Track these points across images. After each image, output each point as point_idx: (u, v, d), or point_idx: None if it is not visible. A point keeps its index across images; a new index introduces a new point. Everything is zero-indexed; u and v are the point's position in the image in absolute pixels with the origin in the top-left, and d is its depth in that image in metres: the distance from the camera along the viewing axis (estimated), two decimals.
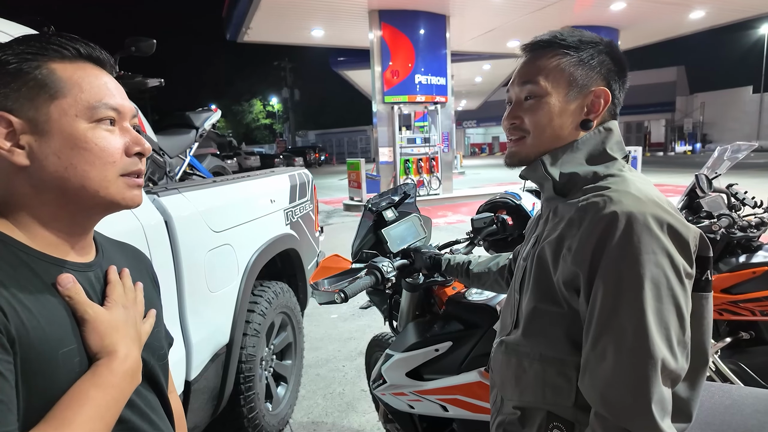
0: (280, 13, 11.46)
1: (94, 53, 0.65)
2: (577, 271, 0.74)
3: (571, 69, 0.82)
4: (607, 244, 0.70)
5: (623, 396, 0.68)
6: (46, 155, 0.60)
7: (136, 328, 0.67)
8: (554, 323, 0.80)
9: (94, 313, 0.62)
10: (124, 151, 0.65)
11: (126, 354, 0.63)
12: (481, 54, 17.41)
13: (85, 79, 0.63)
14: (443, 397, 1.36)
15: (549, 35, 0.85)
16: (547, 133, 0.83)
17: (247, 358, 2.02)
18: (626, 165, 0.84)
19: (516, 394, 0.87)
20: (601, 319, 0.71)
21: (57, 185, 0.62)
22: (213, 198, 1.93)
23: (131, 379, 0.63)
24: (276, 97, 41.81)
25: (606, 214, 0.72)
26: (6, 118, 0.59)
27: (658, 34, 15.02)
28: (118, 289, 0.68)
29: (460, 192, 12.12)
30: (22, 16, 1.60)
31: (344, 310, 4.07)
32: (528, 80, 0.84)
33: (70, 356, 0.58)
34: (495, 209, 1.67)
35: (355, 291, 1.26)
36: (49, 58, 0.61)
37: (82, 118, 0.62)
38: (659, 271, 0.68)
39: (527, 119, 0.84)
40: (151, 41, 2.48)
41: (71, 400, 0.56)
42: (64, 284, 0.61)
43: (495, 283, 1.26)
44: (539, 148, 0.84)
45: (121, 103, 0.66)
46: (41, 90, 0.60)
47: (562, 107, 0.82)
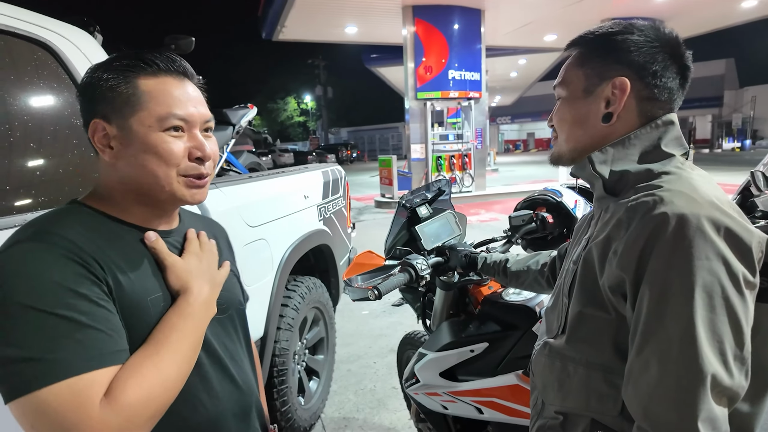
0: (314, 11, 11.57)
1: (173, 66, 0.77)
2: (622, 275, 0.69)
3: (588, 65, 0.81)
4: (655, 247, 0.65)
5: (667, 411, 0.63)
6: (126, 156, 0.74)
7: (209, 272, 0.81)
8: (601, 329, 0.76)
9: (172, 260, 0.76)
10: (186, 155, 0.76)
11: (199, 290, 0.76)
12: (516, 48, 17.05)
13: (161, 93, 0.74)
14: (478, 399, 1.33)
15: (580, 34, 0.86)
16: (570, 131, 0.84)
17: (280, 352, 2.04)
18: (686, 162, 0.78)
19: (558, 399, 0.83)
20: (646, 328, 0.66)
21: (134, 180, 0.75)
22: (249, 193, 1.96)
23: (206, 308, 0.76)
24: (309, 94, 42.30)
25: (655, 215, 0.67)
26: (101, 125, 0.73)
27: (706, 24, 14.29)
28: (193, 243, 0.82)
29: (494, 189, 11.93)
30: (70, 16, 1.66)
31: (375, 307, 4.06)
32: (557, 82, 0.86)
33: (157, 302, 0.72)
34: (534, 206, 1.61)
35: (389, 288, 1.24)
36: (136, 74, 0.74)
37: (155, 127, 0.73)
38: (713, 278, 0.63)
39: (555, 120, 0.87)
40: (190, 39, 2.53)
41: (160, 327, 0.71)
42: (149, 239, 0.75)
43: (534, 282, 1.21)
44: (571, 146, 0.84)
45: (189, 112, 0.76)
46: (126, 104, 0.73)
47: (580, 104, 0.82)
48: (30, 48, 1.26)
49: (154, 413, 0.64)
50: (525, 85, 26.92)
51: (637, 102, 0.78)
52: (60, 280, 0.62)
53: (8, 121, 1.16)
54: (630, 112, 0.79)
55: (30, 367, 0.58)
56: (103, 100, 0.73)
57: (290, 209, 2.22)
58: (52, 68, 1.30)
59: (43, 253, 0.64)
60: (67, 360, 0.59)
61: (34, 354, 0.59)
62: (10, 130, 1.15)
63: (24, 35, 1.24)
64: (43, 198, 1.17)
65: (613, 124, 0.79)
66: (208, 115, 0.80)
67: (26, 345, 0.59)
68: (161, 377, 0.65)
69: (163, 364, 0.66)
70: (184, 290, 0.75)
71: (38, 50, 1.27)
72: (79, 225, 0.70)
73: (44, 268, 0.63)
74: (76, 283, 0.63)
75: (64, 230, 0.68)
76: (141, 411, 0.62)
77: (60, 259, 0.64)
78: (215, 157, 0.81)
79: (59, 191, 1.24)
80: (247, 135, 5.02)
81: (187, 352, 0.71)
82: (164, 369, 0.66)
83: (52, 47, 1.30)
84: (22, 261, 0.63)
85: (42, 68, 1.28)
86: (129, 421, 0.61)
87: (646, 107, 0.78)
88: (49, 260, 0.64)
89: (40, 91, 1.27)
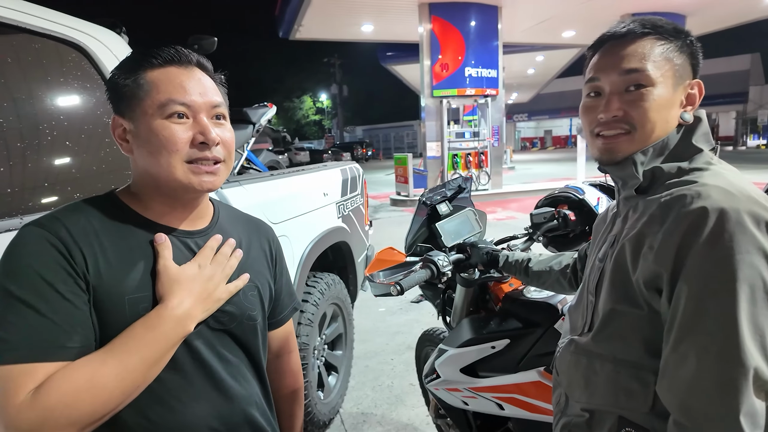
0: (331, 10, 11.62)
1: (177, 56, 0.76)
2: (659, 270, 0.69)
3: (675, 58, 0.77)
4: (695, 242, 0.65)
5: (707, 405, 0.63)
6: (137, 147, 0.75)
7: (205, 285, 0.76)
8: (632, 325, 0.75)
9: (163, 266, 0.73)
10: (190, 141, 0.74)
11: (176, 304, 0.72)
12: (534, 45, 16.87)
13: (162, 81, 0.74)
14: (500, 396, 1.33)
15: (639, 22, 0.79)
16: (654, 127, 0.77)
17: (300, 347, 2.07)
18: (714, 157, 0.78)
19: (585, 395, 0.83)
20: (684, 321, 0.66)
21: (146, 171, 0.76)
22: (270, 190, 1.99)
23: (175, 324, 0.71)
24: (325, 93, 42.46)
25: (693, 209, 0.66)
26: (118, 121, 0.76)
27: (730, 19, 13.94)
28: (205, 252, 0.79)
29: (510, 187, 11.83)
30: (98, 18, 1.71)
31: (392, 304, 4.08)
32: (633, 68, 0.76)
33: (136, 302, 0.71)
34: (556, 204, 1.60)
35: (411, 284, 1.25)
36: (143, 68, 0.74)
37: (157, 115, 0.73)
38: (754, 272, 0.63)
39: (635, 112, 0.76)
40: (213, 39, 2.57)
41: (123, 333, 0.68)
42: (157, 240, 0.75)
43: (556, 283, 1.21)
44: (644, 144, 0.77)
45: (191, 99, 0.74)
46: (134, 97, 0.74)
47: (669, 99, 0.77)
48: (65, 50, 1.30)
49: (75, 421, 0.61)
50: (542, 82, 26.62)
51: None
52: (35, 266, 0.65)
53: (44, 120, 1.20)
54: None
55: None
56: (117, 96, 0.75)
57: (310, 206, 2.25)
58: (84, 68, 1.34)
59: (34, 238, 0.67)
60: (16, 345, 0.61)
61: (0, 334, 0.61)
62: (47, 129, 1.20)
63: (59, 37, 1.28)
64: (78, 195, 1.22)
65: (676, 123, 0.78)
66: (216, 101, 0.78)
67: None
68: (93, 386, 0.63)
69: (102, 373, 0.64)
70: (162, 300, 0.72)
71: (72, 51, 1.32)
72: (92, 215, 0.72)
73: (27, 251, 0.66)
74: (50, 271, 0.65)
75: (68, 219, 0.70)
76: (59, 415, 0.60)
77: (44, 246, 0.66)
78: (226, 143, 0.78)
79: (93, 189, 1.28)
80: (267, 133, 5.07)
81: (138, 365, 0.66)
82: (100, 379, 0.63)
83: (84, 48, 1.35)
84: (19, 242, 0.67)
85: (76, 69, 1.32)
86: (44, 421, 0.59)
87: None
88: (34, 245, 0.66)
89: (74, 91, 1.31)
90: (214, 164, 0.76)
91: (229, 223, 0.88)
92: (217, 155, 0.76)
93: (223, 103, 0.80)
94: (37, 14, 1.23)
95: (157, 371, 0.69)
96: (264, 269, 0.91)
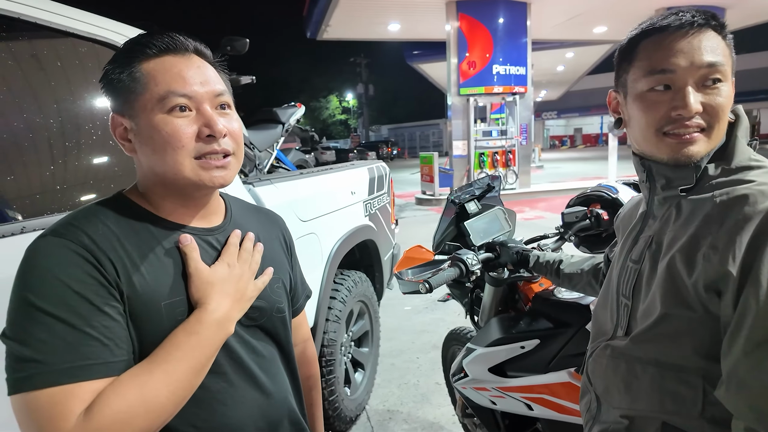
0: (358, 9, 11.67)
1: (173, 43, 0.70)
2: (726, 270, 0.66)
3: (732, 53, 0.74)
4: (765, 242, 0.63)
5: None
6: (140, 145, 0.70)
7: (237, 285, 0.74)
8: (683, 328, 0.72)
9: (195, 269, 0.70)
10: (195, 135, 0.69)
11: (215, 307, 0.69)
12: (564, 41, 16.54)
13: (159, 71, 0.68)
14: (529, 396, 1.32)
15: (702, 13, 0.74)
16: (724, 125, 0.74)
17: (328, 343, 2.10)
18: (756, 153, 0.75)
19: (626, 401, 0.81)
20: (757, 326, 0.63)
21: (153, 171, 0.71)
22: (300, 189, 2.02)
23: (218, 327, 0.69)
24: (351, 92, 42.73)
25: (761, 209, 0.64)
26: (118, 119, 0.71)
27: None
28: (230, 250, 0.76)
29: (538, 186, 11.64)
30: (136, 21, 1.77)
31: (417, 303, 4.08)
32: (713, 62, 0.71)
33: (173, 307, 0.68)
34: (588, 203, 1.57)
35: (440, 282, 1.25)
36: (138, 59, 0.69)
37: (157, 109, 0.68)
38: None
39: (714, 109, 0.71)
40: (245, 40, 2.63)
41: (165, 343, 0.65)
42: (183, 242, 0.71)
43: (588, 286, 1.18)
44: (716, 143, 0.74)
45: (192, 89, 0.69)
46: (130, 92, 0.69)
47: (732, 95, 0.74)
48: (106, 52, 1.36)
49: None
50: (572, 79, 26.03)
51: None
52: (65, 278, 0.60)
53: (90, 120, 1.26)
54: None
55: (20, 366, 0.57)
56: (113, 93, 0.70)
57: (338, 205, 2.27)
58: None
59: (57, 248, 0.62)
60: (54, 366, 0.57)
61: (27, 353, 0.57)
62: (92, 129, 1.26)
63: (101, 41, 1.34)
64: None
65: None
66: (219, 89, 0.72)
67: (23, 341, 0.58)
68: (145, 400, 0.60)
69: (151, 386, 0.61)
70: (200, 304, 0.69)
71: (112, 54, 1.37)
72: (109, 219, 0.68)
73: (53, 264, 0.61)
74: (81, 284, 0.61)
75: (87, 225, 0.65)
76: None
77: (71, 256, 0.62)
78: (234, 134, 0.73)
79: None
80: (295, 133, 5.15)
81: (185, 374, 0.64)
82: (151, 391, 0.61)
83: None
84: (38, 254, 0.62)
85: None
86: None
87: None
88: (60, 256, 0.62)
89: None
90: (224, 157, 0.71)
91: (243, 217, 0.85)
92: (226, 147, 0.71)
93: (227, 90, 0.75)
94: (80, 18, 1.29)
95: (203, 377, 0.67)
96: (283, 259, 0.91)
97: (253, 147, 2.51)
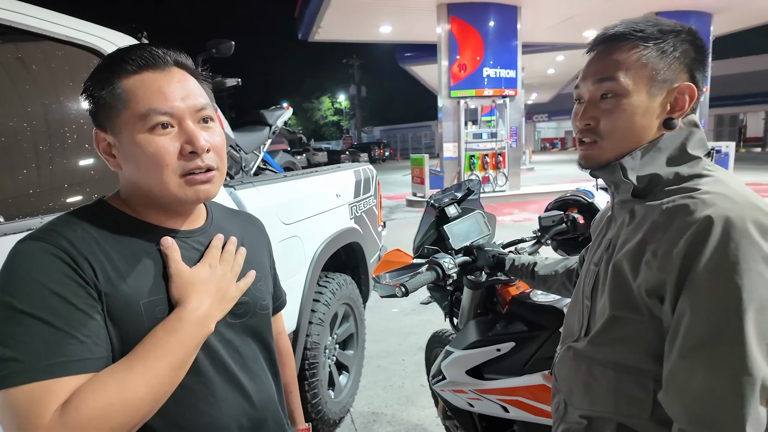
0: (350, 11, 11.68)
1: (152, 59, 0.70)
2: (663, 278, 0.68)
3: (653, 62, 0.75)
4: (700, 250, 0.65)
5: (715, 415, 0.63)
6: (125, 161, 0.71)
7: (219, 285, 0.75)
8: (633, 331, 0.75)
9: (176, 270, 0.72)
10: (178, 153, 0.70)
11: (196, 306, 0.71)
12: (554, 45, 16.63)
13: (139, 88, 0.69)
14: (505, 398, 1.34)
15: (624, 25, 0.78)
16: (628, 136, 0.77)
17: (311, 346, 2.11)
18: (711, 163, 0.77)
19: (585, 402, 0.83)
20: (691, 332, 0.65)
21: (138, 187, 0.73)
22: (284, 192, 2.03)
23: (197, 326, 0.70)
24: (343, 94, 42.68)
25: (699, 218, 0.66)
26: (101, 135, 0.72)
27: (759, 17, 13.50)
28: (212, 252, 0.78)
29: (529, 189, 11.70)
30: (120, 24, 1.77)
31: (405, 305, 4.09)
32: (605, 77, 0.76)
33: (152, 305, 0.69)
34: (565, 207, 1.59)
35: (416, 286, 1.26)
36: (117, 75, 0.69)
37: (139, 127, 0.68)
38: (761, 282, 0.62)
39: (605, 121, 0.77)
40: (230, 43, 2.63)
41: (144, 340, 0.67)
42: (164, 244, 0.73)
43: (562, 287, 1.20)
44: (619, 151, 0.78)
45: (173, 105, 0.69)
46: (111, 109, 0.69)
47: (645, 106, 0.75)
48: (86, 56, 1.36)
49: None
50: (563, 82, 26.23)
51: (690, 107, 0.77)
52: (44, 281, 0.62)
53: (68, 124, 1.25)
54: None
55: (2, 366, 0.58)
56: (95, 108, 0.70)
57: (323, 207, 2.28)
58: None
59: (36, 252, 0.64)
60: (32, 364, 0.58)
61: (8, 353, 0.58)
62: (69, 134, 1.25)
63: (80, 44, 1.33)
64: (96, 196, 1.27)
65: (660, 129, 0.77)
66: (201, 103, 0.72)
67: (3, 342, 0.59)
68: (124, 396, 0.61)
69: (130, 382, 0.62)
70: (180, 303, 0.70)
71: (93, 58, 1.37)
72: (88, 223, 0.69)
73: (32, 266, 0.62)
74: (60, 285, 0.62)
75: (66, 229, 0.67)
76: (92, 428, 0.58)
77: (50, 259, 0.63)
78: (217, 148, 0.74)
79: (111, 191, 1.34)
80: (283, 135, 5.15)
81: (165, 370, 0.65)
82: (130, 388, 0.62)
83: (104, 54, 1.40)
84: (18, 257, 0.64)
85: None
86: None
87: (688, 112, 0.78)
88: (38, 259, 0.63)
89: None
90: (207, 172, 0.72)
91: (224, 220, 0.87)
92: (210, 163, 0.72)
93: (209, 104, 0.75)
94: (60, 22, 1.29)
95: (183, 375, 0.68)
96: (265, 260, 0.93)
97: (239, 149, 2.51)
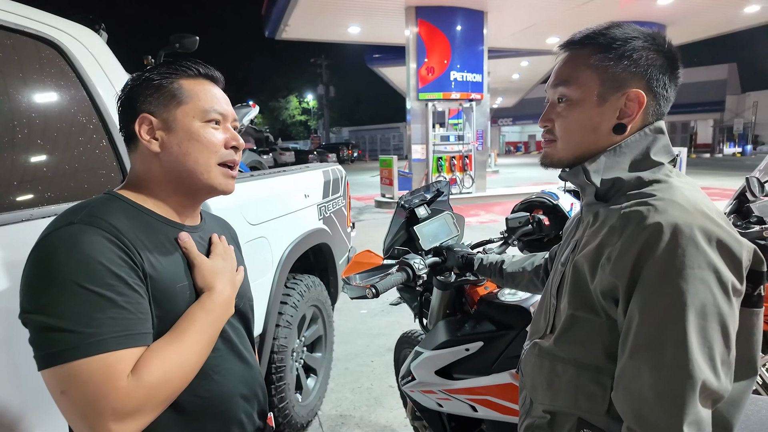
0: (318, 10, 11.59)
1: (210, 72, 0.89)
2: (615, 281, 0.71)
3: (606, 68, 0.77)
4: (650, 256, 0.67)
5: (657, 414, 0.65)
6: (171, 145, 0.83)
7: (231, 274, 0.90)
8: (592, 331, 0.77)
9: (201, 260, 0.85)
10: (224, 144, 0.87)
11: (222, 290, 0.85)
12: (519, 50, 17.07)
13: (201, 91, 0.86)
14: (473, 398, 1.35)
15: (584, 32, 0.81)
16: (577, 138, 0.81)
17: (279, 349, 2.07)
18: (674, 170, 0.80)
19: (547, 398, 0.85)
20: (639, 334, 0.68)
21: (177, 168, 0.84)
22: (250, 192, 1.98)
23: (225, 307, 0.85)
24: (311, 93, 42.33)
25: (650, 224, 0.68)
26: (148, 119, 0.83)
27: (709, 29, 14.30)
28: (219, 246, 0.92)
29: (494, 191, 11.94)
30: (76, 15, 1.68)
31: (373, 306, 4.09)
32: (560, 82, 0.81)
33: (184, 290, 0.81)
34: (531, 209, 1.63)
35: (387, 287, 1.26)
36: (179, 76, 0.85)
37: (197, 119, 0.84)
38: (704, 287, 0.65)
39: (558, 123, 0.83)
40: (194, 38, 2.56)
41: (185, 318, 0.79)
42: (183, 239, 0.85)
43: (530, 283, 1.23)
44: (572, 153, 0.83)
45: (225, 109, 0.88)
46: (172, 99, 0.84)
47: (594, 111, 0.79)
48: (38, 46, 1.28)
49: (171, 393, 0.72)
50: (527, 87, 26.93)
51: (642, 113, 0.79)
52: (104, 262, 0.70)
53: (16, 118, 1.18)
54: (634, 122, 0.79)
55: (69, 338, 0.66)
56: (150, 97, 0.83)
57: (291, 208, 2.24)
58: (59, 66, 1.32)
59: (92, 236, 0.72)
60: (102, 335, 0.67)
61: (74, 326, 0.66)
62: (18, 127, 1.18)
63: (32, 33, 1.26)
64: (49, 194, 1.20)
65: (610, 134, 0.79)
66: (235, 115, 0.92)
67: (68, 317, 0.66)
68: (181, 362, 0.73)
69: (184, 351, 0.74)
70: (209, 288, 0.83)
71: (46, 48, 1.30)
72: (121, 213, 0.78)
73: (93, 249, 0.70)
74: (117, 266, 0.71)
75: (109, 217, 0.76)
76: (161, 389, 0.70)
77: (106, 243, 0.72)
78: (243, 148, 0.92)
79: (65, 187, 1.27)
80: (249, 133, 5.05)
81: (205, 343, 0.79)
82: (185, 355, 0.74)
83: (59, 45, 1.33)
84: (75, 240, 0.71)
85: (50, 66, 1.30)
86: (150, 397, 0.69)
87: (647, 117, 0.80)
88: (97, 242, 0.71)
89: (47, 88, 1.29)
90: (234, 169, 0.89)
91: (210, 221, 1.01)
92: (239, 160, 0.90)
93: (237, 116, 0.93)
94: (10, 10, 1.21)
95: (211, 349, 0.81)
96: (240, 258, 1.04)
97: None
